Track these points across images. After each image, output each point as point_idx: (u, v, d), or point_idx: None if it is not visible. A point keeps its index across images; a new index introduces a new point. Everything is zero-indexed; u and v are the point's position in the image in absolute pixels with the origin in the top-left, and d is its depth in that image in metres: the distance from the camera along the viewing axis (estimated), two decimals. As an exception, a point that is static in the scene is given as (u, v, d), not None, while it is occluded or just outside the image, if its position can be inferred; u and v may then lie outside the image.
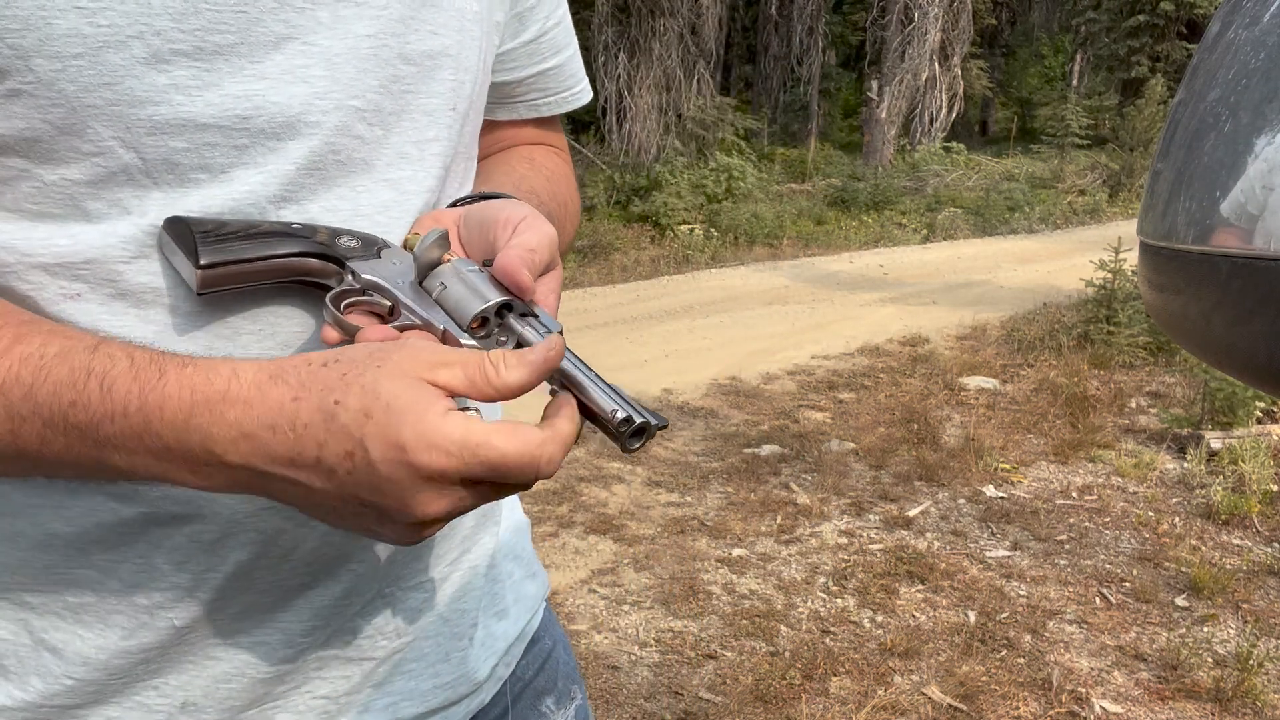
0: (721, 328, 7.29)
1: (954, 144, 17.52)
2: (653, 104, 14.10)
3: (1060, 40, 27.60)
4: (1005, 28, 27.17)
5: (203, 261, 0.60)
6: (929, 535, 3.95)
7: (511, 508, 0.96)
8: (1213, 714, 2.86)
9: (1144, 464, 4.63)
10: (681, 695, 2.88)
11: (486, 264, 0.65)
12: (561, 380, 0.62)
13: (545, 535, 3.86)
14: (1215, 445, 4.61)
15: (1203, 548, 3.87)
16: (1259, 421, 4.87)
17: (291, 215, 0.66)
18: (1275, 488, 4.26)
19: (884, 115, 16.81)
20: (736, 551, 3.75)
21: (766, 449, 4.79)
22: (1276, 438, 4.75)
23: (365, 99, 0.68)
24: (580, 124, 17.05)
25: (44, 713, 0.71)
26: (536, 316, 0.64)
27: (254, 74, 0.63)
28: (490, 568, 0.90)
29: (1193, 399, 5.33)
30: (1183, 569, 3.67)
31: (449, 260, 0.65)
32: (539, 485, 3.83)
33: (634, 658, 3.07)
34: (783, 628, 3.24)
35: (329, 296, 0.63)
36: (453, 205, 0.75)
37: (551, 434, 0.58)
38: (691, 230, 11.76)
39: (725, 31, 17.62)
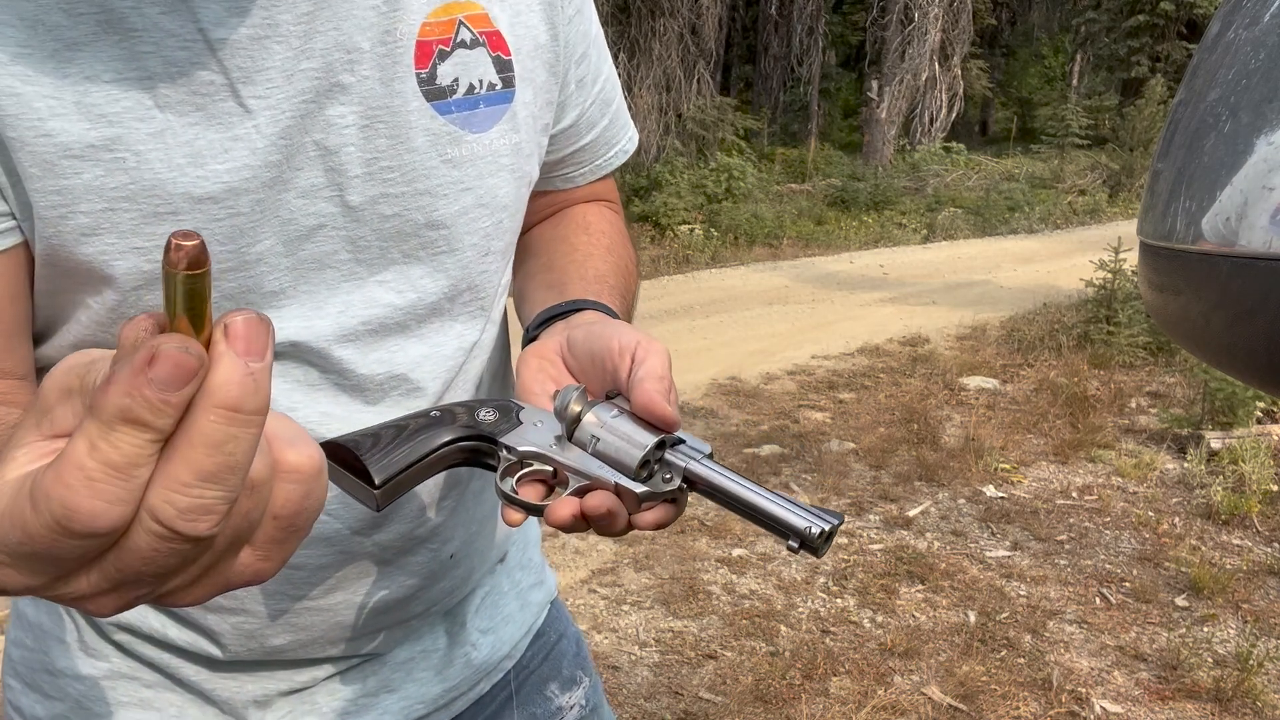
0: (721, 328, 7.29)
1: (954, 144, 17.51)
2: (653, 104, 14.10)
3: (1060, 40, 27.58)
4: (1005, 28, 27.16)
5: (378, 481, 0.62)
6: (929, 535, 3.95)
7: (529, 521, 0.98)
8: (1213, 714, 2.85)
9: (1144, 464, 4.63)
10: (681, 695, 2.88)
11: (611, 395, 0.68)
12: (731, 502, 0.62)
13: (545, 535, 3.86)
14: (1215, 445, 4.61)
15: (1203, 548, 3.87)
16: (1259, 421, 4.87)
17: (334, 380, 0.72)
18: (1275, 488, 4.26)
19: (884, 115, 16.81)
20: (736, 551, 3.75)
21: (766, 449, 4.79)
22: (1276, 438, 4.75)
23: (391, 270, 0.72)
24: (580, 124, 17.04)
25: None
26: (685, 442, 0.66)
27: (288, 267, 0.68)
28: (500, 583, 0.97)
29: (1193, 399, 5.33)
30: (1183, 569, 3.67)
31: (590, 409, 0.66)
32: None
33: (634, 658, 3.07)
34: (783, 628, 3.24)
35: (497, 477, 0.66)
36: (539, 323, 0.77)
37: (54, 476, 0.35)
38: (691, 230, 11.75)
39: (725, 31, 17.62)
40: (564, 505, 0.63)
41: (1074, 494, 4.39)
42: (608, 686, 2.92)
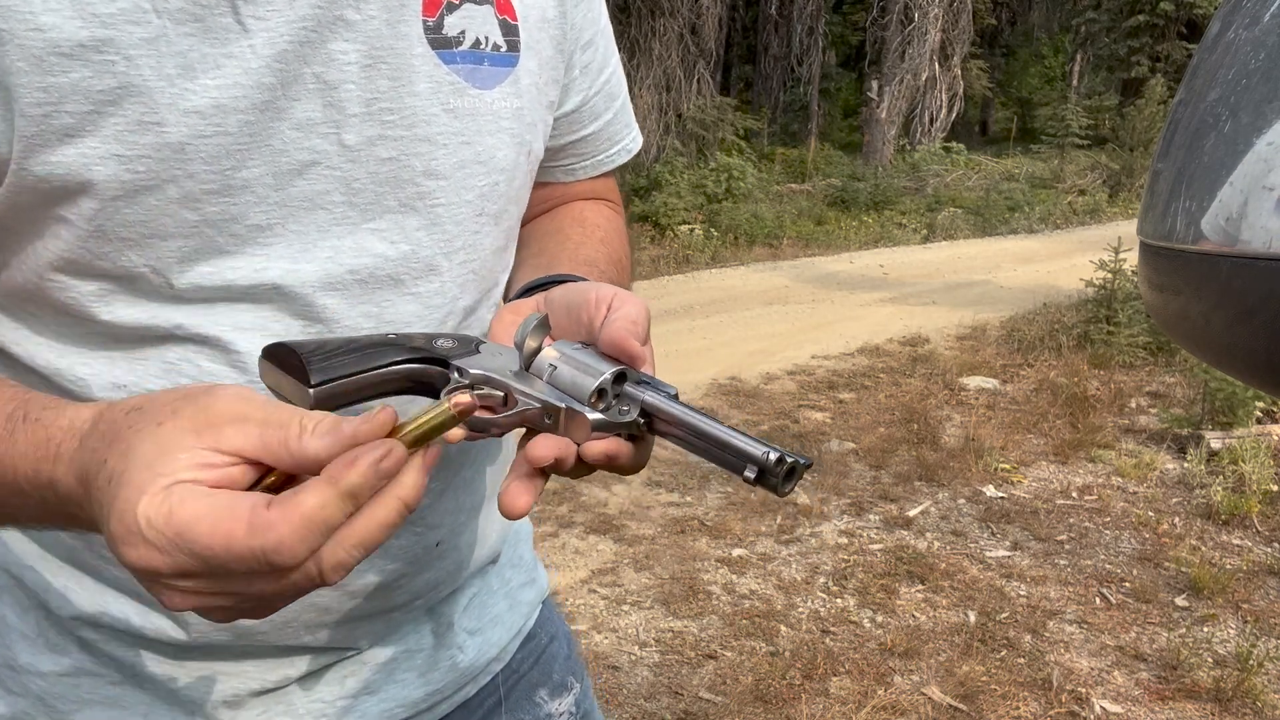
0: (721, 328, 7.29)
1: (954, 144, 17.51)
2: (653, 104, 14.10)
3: (1060, 40, 27.58)
4: (1005, 28, 27.17)
5: (314, 380, 0.60)
6: (929, 535, 3.95)
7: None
8: (1213, 714, 2.85)
9: (1144, 464, 4.63)
10: (681, 695, 2.88)
11: (585, 344, 0.66)
12: (689, 437, 0.60)
13: (545, 535, 3.86)
14: (1215, 445, 4.61)
15: (1203, 548, 3.87)
16: (1259, 421, 4.87)
17: (318, 333, 0.69)
18: (1275, 488, 4.26)
19: (884, 115, 16.81)
20: (736, 551, 3.75)
21: (766, 449, 4.79)
22: (1276, 438, 4.75)
23: (385, 219, 0.70)
24: (580, 124, 17.04)
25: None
26: (650, 382, 0.63)
27: (277, 201, 0.66)
28: (489, 581, 0.93)
29: (1193, 399, 5.33)
30: (1183, 569, 3.67)
31: (550, 344, 0.65)
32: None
33: (634, 658, 3.07)
34: (783, 628, 3.24)
35: (444, 394, 0.63)
36: (523, 292, 0.76)
37: (278, 516, 0.47)
38: (691, 230, 11.75)
39: (725, 31, 17.62)
40: (509, 421, 0.62)
41: (1074, 494, 4.39)
42: (608, 686, 2.92)
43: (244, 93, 0.62)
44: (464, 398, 0.53)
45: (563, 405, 0.61)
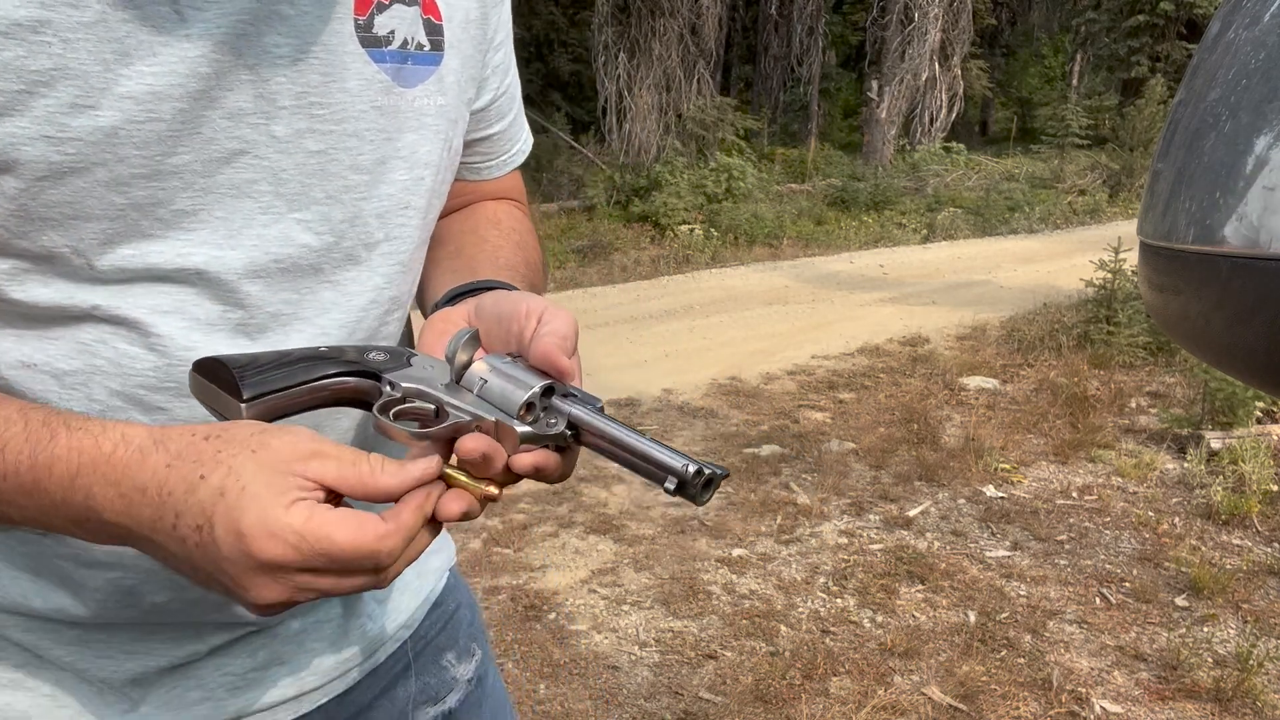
0: (721, 328, 7.29)
1: (954, 144, 17.50)
2: (653, 104, 14.10)
3: (1060, 40, 27.57)
4: (1005, 28, 27.15)
5: (246, 396, 0.62)
6: (929, 535, 3.95)
7: None
8: (1213, 714, 2.85)
9: (1144, 464, 4.63)
10: (681, 695, 2.88)
11: (514, 357, 0.68)
12: (613, 449, 0.63)
13: (545, 535, 3.86)
14: (1215, 445, 4.61)
15: (1203, 548, 3.87)
16: (1259, 421, 4.87)
17: (235, 319, 0.71)
18: (1275, 488, 4.26)
19: (884, 115, 16.80)
20: (736, 551, 3.75)
21: (766, 449, 4.79)
22: (1276, 438, 4.75)
23: (311, 210, 0.72)
24: (580, 124, 17.04)
25: None
26: (576, 395, 0.66)
27: (204, 188, 0.66)
28: None
29: (1193, 399, 5.33)
30: (1183, 569, 3.67)
31: (481, 358, 0.67)
32: (538, 486, 3.83)
33: (634, 658, 3.07)
34: (783, 628, 3.24)
35: (376, 408, 0.66)
36: (450, 298, 0.78)
37: (394, 527, 0.59)
38: (691, 230, 11.75)
39: (725, 31, 17.61)
40: (441, 433, 0.64)
41: (1074, 494, 4.39)
42: (607, 686, 2.92)
43: (179, 80, 0.63)
44: (493, 489, 0.63)
45: (493, 418, 0.63)
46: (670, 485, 0.60)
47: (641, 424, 5.10)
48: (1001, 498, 4.32)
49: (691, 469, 0.59)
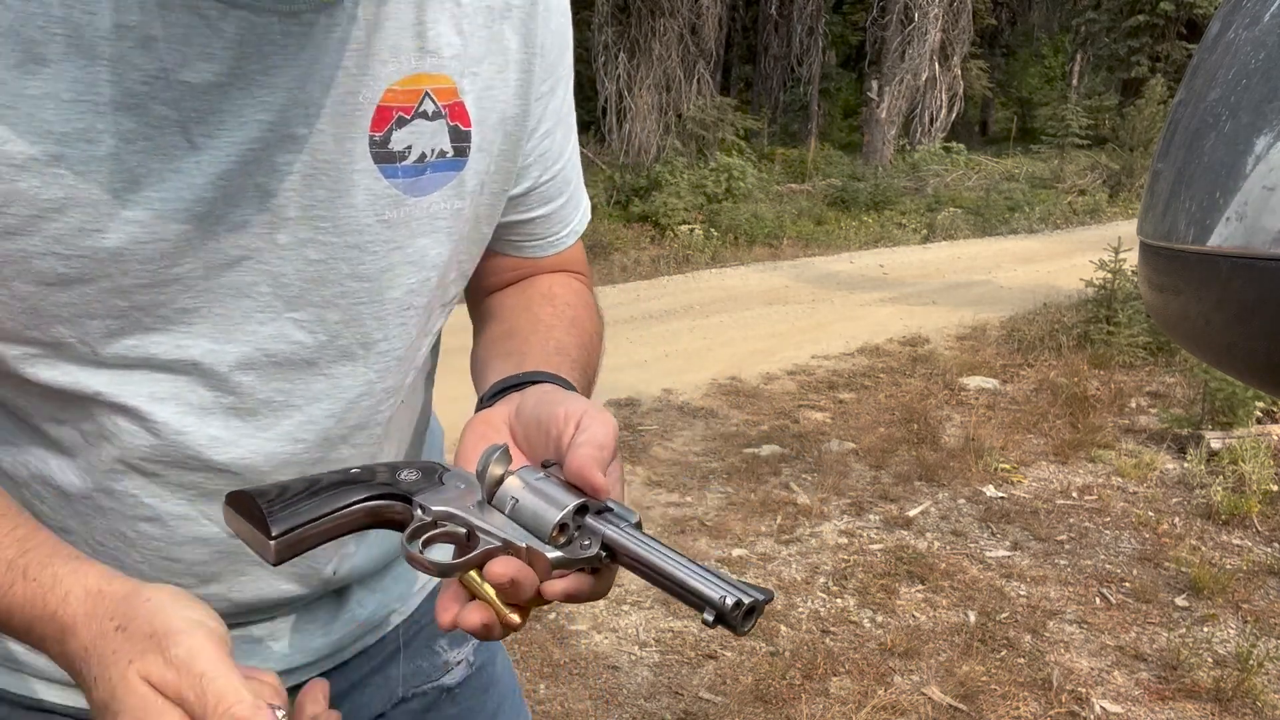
0: (721, 328, 7.29)
1: (954, 144, 17.50)
2: (653, 104, 14.10)
3: (1060, 40, 27.58)
4: (1005, 28, 27.15)
5: (275, 532, 0.61)
6: (929, 535, 3.95)
7: None
8: (1213, 714, 2.85)
9: (1144, 464, 4.63)
10: (681, 695, 2.88)
11: (547, 464, 0.66)
12: (649, 572, 0.59)
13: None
14: (1215, 445, 4.61)
15: (1203, 548, 3.87)
16: (1259, 421, 4.87)
17: (228, 404, 0.72)
18: (1275, 488, 4.26)
19: (884, 115, 16.81)
20: (736, 551, 3.75)
21: (766, 449, 4.79)
22: (1276, 438, 4.75)
23: (307, 311, 0.73)
24: (580, 124, 17.01)
25: None
26: (612, 510, 0.63)
27: (204, 289, 0.68)
28: (391, 547, 0.95)
29: (1193, 399, 5.33)
30: (1183, 569, 3.67)
31: (514, 472, 0.64)
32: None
33: (634, 658, 3.07)
34: (783, 628, 3.24)
35: (404, 536, 0.64)
36: (495, 393, 0.77)
37: None
38: (691, 230, 11.75)
39: (725, 31, 17.62)
40: (508, 563, 0.62)
41: (1074, 494, 4.39)
42: (608, 686, 2.92)
43: (186, 206, 0.65)
44: (516, 618, 0.61)
45: (524, 544, 0.61)
46: (709, 616, 0.56)
47: (642, 424, 5.11)
48: (1001, 498, 4.32)
49: (730, 601, 0.55)
